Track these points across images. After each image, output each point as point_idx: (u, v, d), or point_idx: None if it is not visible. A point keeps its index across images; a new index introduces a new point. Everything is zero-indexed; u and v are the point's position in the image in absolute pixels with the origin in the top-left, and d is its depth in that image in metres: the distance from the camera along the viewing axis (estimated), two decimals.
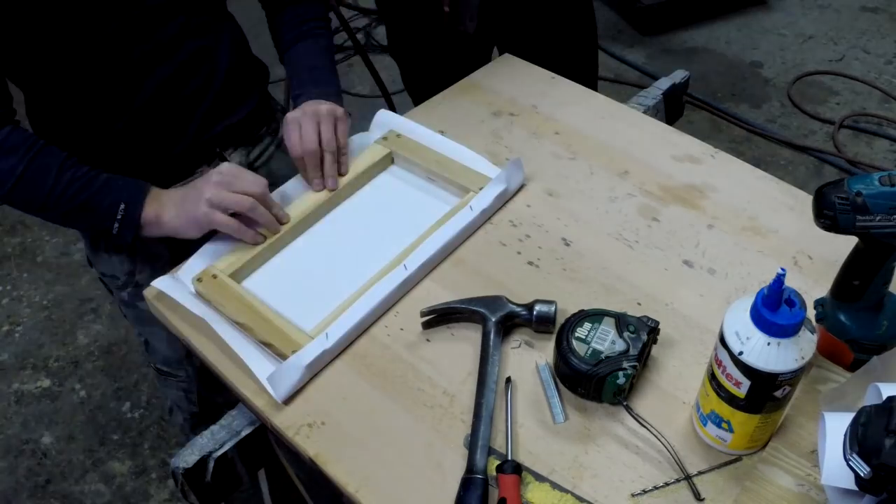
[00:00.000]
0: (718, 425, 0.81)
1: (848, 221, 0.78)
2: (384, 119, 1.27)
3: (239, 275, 1.05)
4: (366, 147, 1.22)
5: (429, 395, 0.91)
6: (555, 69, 1.39)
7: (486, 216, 1.11)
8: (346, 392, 0.92)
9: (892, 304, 0.88)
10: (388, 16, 1.64)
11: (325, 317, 0.98)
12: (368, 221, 1.14)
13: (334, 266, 1.07)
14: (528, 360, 0.95)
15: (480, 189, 1.11)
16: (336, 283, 1.03)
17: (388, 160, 1.21)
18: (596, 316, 0.91)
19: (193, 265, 1.06)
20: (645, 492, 0.81)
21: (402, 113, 1.30)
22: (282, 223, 1.09)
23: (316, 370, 0.93)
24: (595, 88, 1.51)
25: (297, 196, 1.15)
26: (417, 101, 1.38)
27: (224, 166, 1.08)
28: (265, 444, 1.00)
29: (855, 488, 0.66)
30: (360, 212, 1.16)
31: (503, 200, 1.13)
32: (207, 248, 1.08)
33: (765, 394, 0.75)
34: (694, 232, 1.09)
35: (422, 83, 1.60)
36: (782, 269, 0.70)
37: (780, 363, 0.72)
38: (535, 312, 0.95)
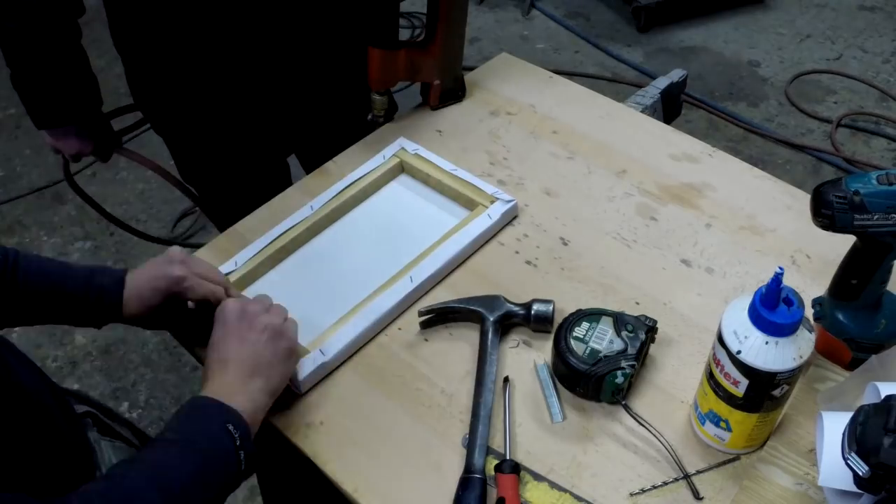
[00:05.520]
0: (717, 424, 0.81)
1: (846, 220, 0.78)
2: (400, 143, 1.23)
3: (241, 283, 1.04)
4: (375, 157, 1.20)
5: (427, 395, 0.91)
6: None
7: (498, 227, 1.09)
8: (344, 392, 0.92)
9: (890, 302, 0.88)
10: (177, 143, 1.39)
11: (324, 330, 0.97)
12: (374, 233, 1.12)
13: (337, 277, 1.06)
14: (527, 359, 0.95)
15: (492, 203, 1.09)
16: (337, 294, 1.02)
17: (398, 169, 1.20)
18: (594, 315, 0.91)
19: None
20: (643, 491, 0.81)
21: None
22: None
23: (312, 383, 0.93)
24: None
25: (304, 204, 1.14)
26: (223, 227, 1.20)
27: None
28: (264, 444, 1.00)
29: (853, 489, 0.66)
30: (367, 222, 1.14)
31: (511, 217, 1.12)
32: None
33: (763, 393, 0.75)
34: (692, 231, 1.09)
35: (225, 208, 1.40)
36: (780, 268, 0.70)
37: (778, 362, 0.72)
38: (532, 312, 0.95)
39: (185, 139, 1.36)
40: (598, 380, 0.86)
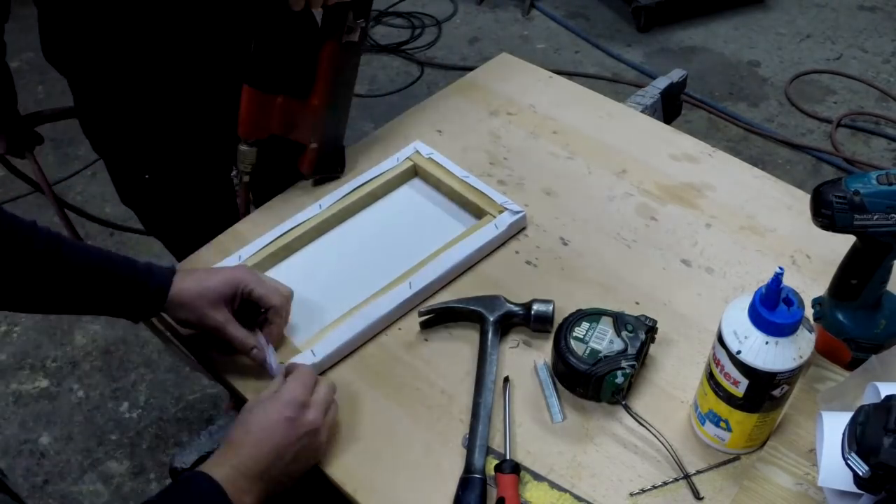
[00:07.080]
0: (717, 424, 0.81)
1: (845, 220, 0.78)
2: (415, 146, 1.22)
3: None
4: (390, 158, 1.20)
5: (427, 395, 0.91)
6: None
7: (504, 238, 1.08)
8: (343, 392, 0.92)
9: (890, 302, 0.88)
10: (116, 159, 1.33)
11: (318, 331, 0.97)
12: (381, 235, 1.12)
13: (340, 278, 1.06)
14: (527, 359, 0.95)
15: (500, 213, 1.08)
16: (339, 295, 1.02)
17: (411, 172, 1.19)
18: (594, 315, 0.91)
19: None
20: (643, 491, 0.81)
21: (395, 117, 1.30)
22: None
23: None
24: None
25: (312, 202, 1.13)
26: (175, 251, 1.16)
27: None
28: None
29: (853, 489, 0.66)
30: (375, 224, 1.14)
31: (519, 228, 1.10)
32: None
33: (763, 393, 0.75)
34: (692, 231, 1.09)
35: (169, 229, 1.36)
36: (780, 268, 0.70)
37: (778, 362, 0.72)
38: (532, 312, 0.95)
39: (126, 152, 1.29)
40: (598, 380, 0.86)
